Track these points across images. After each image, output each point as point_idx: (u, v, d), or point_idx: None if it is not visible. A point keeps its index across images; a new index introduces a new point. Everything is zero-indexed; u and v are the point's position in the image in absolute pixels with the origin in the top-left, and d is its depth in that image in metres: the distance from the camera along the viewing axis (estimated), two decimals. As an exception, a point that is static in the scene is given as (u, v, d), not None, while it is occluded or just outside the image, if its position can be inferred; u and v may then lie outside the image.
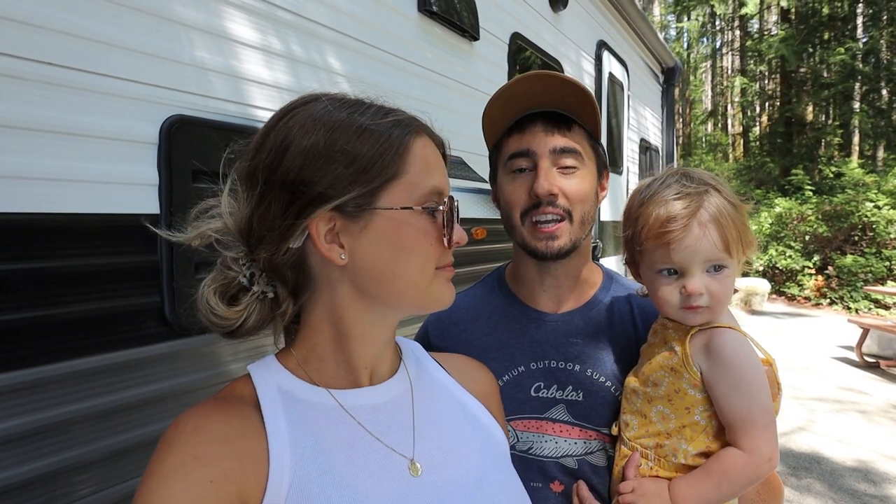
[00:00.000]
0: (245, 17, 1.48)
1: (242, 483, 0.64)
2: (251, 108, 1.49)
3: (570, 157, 1.09)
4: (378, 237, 0.75)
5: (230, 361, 1.46)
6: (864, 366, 6.87)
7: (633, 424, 1.04)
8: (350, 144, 0.72)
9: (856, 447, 4.58)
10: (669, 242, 0.95)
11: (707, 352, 0.96)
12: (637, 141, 6.07)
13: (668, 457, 0.99)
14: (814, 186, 13.39)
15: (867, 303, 10.39)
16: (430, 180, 0.78)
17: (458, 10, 2.46)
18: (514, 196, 1.13)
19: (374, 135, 0.74)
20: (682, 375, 0.98)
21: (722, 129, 28.22)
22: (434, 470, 0.77)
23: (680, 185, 0.99)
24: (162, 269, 1.28)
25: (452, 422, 0.87)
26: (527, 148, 1.10)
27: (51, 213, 1.09)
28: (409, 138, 0.76)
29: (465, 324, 1.25)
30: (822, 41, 17.82)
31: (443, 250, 0.80)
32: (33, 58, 1.05)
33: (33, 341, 1.07)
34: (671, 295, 0.99)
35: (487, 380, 1.03)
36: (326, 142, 0.72)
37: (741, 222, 0.97)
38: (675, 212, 0.95)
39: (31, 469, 1.08)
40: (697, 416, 0.97)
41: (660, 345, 1.04)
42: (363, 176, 0.73)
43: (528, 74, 1.07)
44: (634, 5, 5.25)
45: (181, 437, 0.65)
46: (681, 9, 20.00)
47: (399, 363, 0.89)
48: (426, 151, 0.79)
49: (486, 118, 1.15)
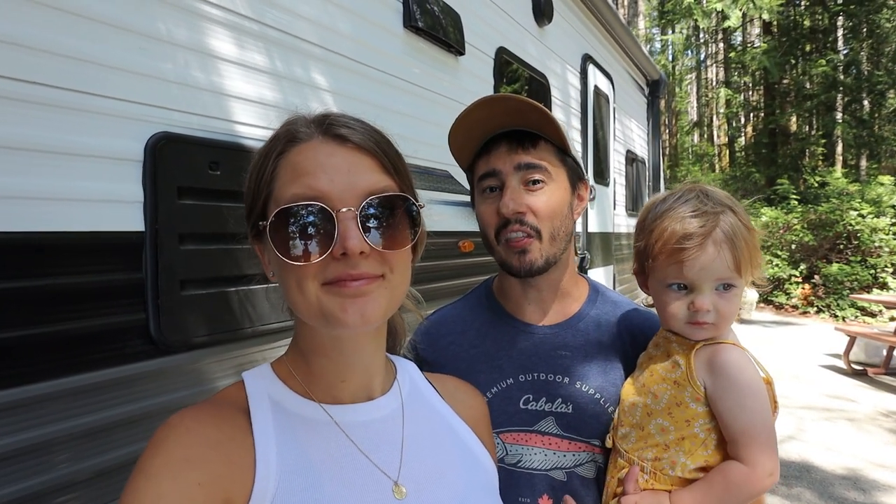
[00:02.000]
0: (230, 34, 1.49)
1: (229, 488, 0.64)
2: (236, 124, 1.50)
3: (536, 172, 1.10)
4: (270, 257, 0.77)
5: (216, 378, 1.46)
6: (851, 373, 6.91)
7: (630, 437, 1.04)
8: (249, 177, 0.79)
9: (845, 455, 4.59)
10: (683, 259, 0.97)
11: (711, 367, 0.98)
12: (623, 153, 6.13)
13: (664, 470, 0.99)
14: (799, 196, 13.54)
15: (854, 311, 10.48)
16: (292, 188, 0.72)
17: (443, 25, 2.49)
18: (487, 216, 1.14)
19: (260, 157, 0.78)
20: (685, 389, 0.99)
21: (708, 140, 28.54)
22: (419, 494, 0.76)
23: (698, 201, 1.00)
24: (147, 287, 1.28)
25: (441, 446, 0.86)
26: (493, 168, 1.12)
27: (35, 232, 1.09)
28: (280, 151, 0.76)
29: (453, 336, 1.25)
30: (804, 53, 18.13)
31: (320, 265, 0.71)
32: (16, 77, 1.06)
33: (17, 360, 1.07)
34: (679, 309, 1.01)
35: (478, 405, 1.02)
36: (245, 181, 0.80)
37: (753, 245, 0.99)
38: (692, 229, 0.97)
39: (16, 490, 1.06)
40: (697, 428, 0.98)
41: (662, 357, 1.05)
42: (253, 199, 0.78)
43: (486, 99, 1.08)
44: (619, 19, 5.32)
45: (171, 438, 0.65)
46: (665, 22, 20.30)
47: (392, 381, 0.88)
48: (299, 158, 0.74)
49: (452, 144, 1.17)
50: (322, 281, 0.71)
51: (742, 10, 14.03)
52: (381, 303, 0.73)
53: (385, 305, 0.74)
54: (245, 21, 1.53)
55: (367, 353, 0.82)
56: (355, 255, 0.69)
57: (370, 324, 0.73)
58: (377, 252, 0.72)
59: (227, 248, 1.43)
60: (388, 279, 0.74)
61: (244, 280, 1.47)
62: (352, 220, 0.70)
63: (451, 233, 2.60)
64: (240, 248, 1.45)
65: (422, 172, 2.34)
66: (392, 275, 0.75)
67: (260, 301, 1.53)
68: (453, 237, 2.62)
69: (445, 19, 2.51)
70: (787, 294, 11.64)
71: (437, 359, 1.22)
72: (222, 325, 1.44)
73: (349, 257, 0.69)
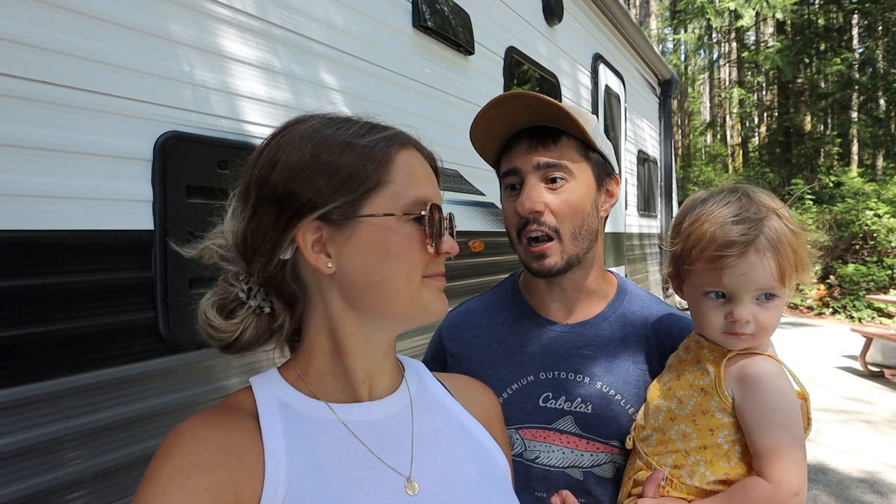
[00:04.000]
0: (239, 33, 1.50)
1: (238, 492, 0.65)
2: (245, 124, 1.50)
3: (556, 171, 1.08)
4: (363, 245, 0.75)
5: (225, 377, 1.46)
6: (868, 375, 6.82)
7: (651, 439, 1.01)
8: (334, 157, 0.74)
9: (862, 458, 4.53)
10: (723, 268, 0.91)
11: (742, 378, 0.93)
12: (635, 153, 6.09)
13: (682, 478, 0.95)
14: (814, 196, 13.40)
15: (870, 312, 10.35)
16: (414, 190, 0.78)
17: (452, 24, 2.49)
18: (508, 214, 1.14)
19: (357, 148, 0.76)
20: (713, 398, 0.94)
21: (721, 140, 28.31)
22: (431, 490, 0.76)
23: (739, 205, 0.94)
24: (156, 285, 1.28)
25: (453, 442, 0.86)
26: (514, 166, 1.11)
27: (44, 230, 1.09)
28: (392, 150, 0.78)
29: (478, 329, 1.24)
30: (819, 52, 17.93)
31: (430, 258, 0.78)
32: (27, 76, 1.07)
33: (27, 358, 1.07)
34: (716, 319, 0.95)
35: (491, 403, 1.01)
36: (311, 156, 0.75)
37: (800, 249, 0.92)
38: (734, 237, 0.90)
39: (25, 487, 1.07)
40: (721, 439, 0.94)
41: (692, 362, 1.01)
42: (346, 186, 0.74)
43: (502, 96, 1.07)
44: (630, 18, 5.30)
45: (180, 444, 0.66)
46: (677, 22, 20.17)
47: (400, 380, 0.88)
48: (412, 163, 0.80)
49: (473, 141, 1.16)
50: (424, 274, 0.79)
51: (755, 9, 13.91)
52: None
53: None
54: (254, 21, 1.54)
55: (392, 353, 0.86)
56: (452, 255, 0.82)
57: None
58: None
59: (236, 246, 1.43)
60: None
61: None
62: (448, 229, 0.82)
63: (462, 232, 2.59)
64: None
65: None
66: None
67: (269, 300, 1.53)
68: (464, 237, 2.61)
69: (455, 19, 2.51)
70: (803, 295, 11.49)
71: (461, 352, 1.22)
72: (231, 323, 1.44)
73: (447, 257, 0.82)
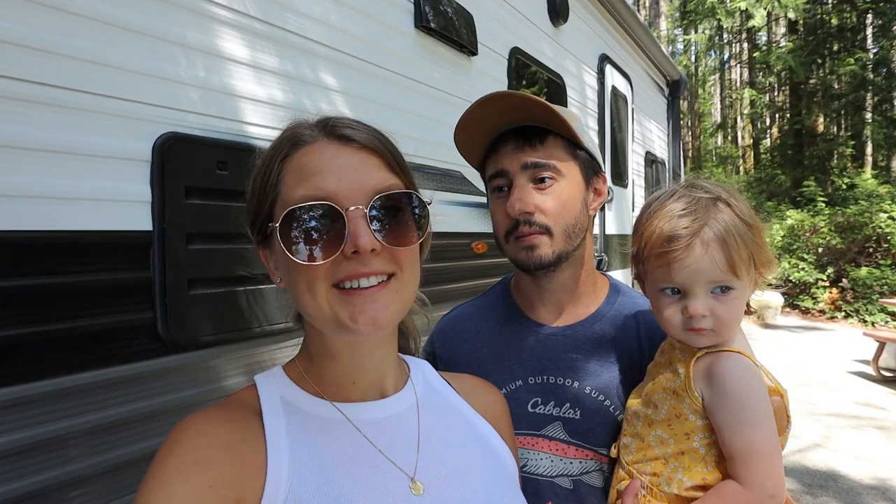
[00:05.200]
0: (239, 34, 1.50)
1: (240, 489, 0.65)
2: (245, 125, 1.50)
3: (544, 171, 1.07)
4: (278, 261, 0.77)
5: (223, 377, 1.46)
6: (881, 380, 6.72)
7: (631, 447, 1.00)
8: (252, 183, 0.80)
9: (874, 464, 4.46)
10: (671, 262, 0.91)
11: (709, 377, 0.92)
12: (642, 154, 6.05)
13: (661, 486, 0.94)
14: (826, 198, 13.25)
15: (883, 316, 10.19)
16: (299, 190, 0.72)
17: (455, 25, 2.48)
18: (497, 217, 1.13)
19: (263, 162, 0.79)
20: (684, 400, 0.93)
21: (732, 142, 28.10)
22: (437, 489, 0.75)
23: (689, 198, 0.94)
24: (155, 285, 1.29)
25: (460, 441, 0.85)
26: (501, 168, 1.10)
27: (43, 231, 1.10)
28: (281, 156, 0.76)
29: (468, 334, 1.23)
30: (832, 52, 17.72)
31: (330, 264, 0.70)
32: (25, 78, 1.07)
33: (26, 358, 1.08)
34: (674, 316, 0.94)
35: (498, 402, 1.00)
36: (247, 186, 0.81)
37: (754, 242, 0.91)
38: (678, 229, 0.90)
39: (23, 486, 1.07)
40: (697, 443, 0.92)
41: (665, 365, 1.00)
42: (258, 204, 0.78)
43: (487, 97, 1.05)
44: (637, 18, 5.26)
45: (183, 441, 0.66)
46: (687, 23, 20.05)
47: (405, 380, 0.88)
48: (304, 160, 0.74)
49: (458, 144, 1.15)
50: (333, 282, 0.71)
51: (767, 8, 13.77)
52: (392, 308, 0.73)
53: (396, 309, 0.75)
54: (254, 22, 1.54)
55: (379, 356, 0.82)
56: (366, 253, 0.69)
57: (382, 330, 0.73)
58: (387, 250, 0.72)
59: (235, 247, 1.43)
60: (398, 278, 0.74)
61: (252, 280, 1.47)
62: (361, 218, 0.69)
63: (465, 234, 2.58)
64: (247, 247, 1.45)
65: (435, 174, 2.33)
66: (402, 273, 0.75)
67: (267, 300, 1.53)
68: (466, 238, 2.60)
69: (458, 19, 2.50)
70: (814, 298, 11.38)
71: (452, 357, 1.21)
72: (230, 324, 1.44)
73: (360, 255, 0.69)
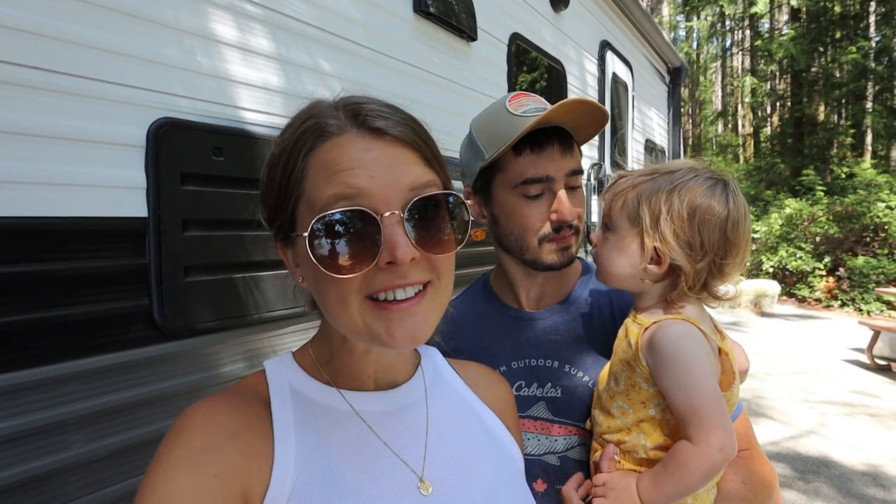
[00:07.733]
0: (234, 19, 1.48)
1: (246, 479, 0.63)
2: (241, 110, 1.49)
3: (580, 178, 1.12)
4: (303, 265, 0.70)
5: (219, 364, 1.46)
6: (875, 368, 6.77)
7: (599, 420, 1.05)
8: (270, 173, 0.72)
9: (866, 451, 4.50)
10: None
11: (650, 345, 0.96)
12: (642, 141, 6.04)
13: (630, 452, 0.99)
14: (825, 187, 13.24)
15: (879, 305, 10.24)
16: (328, 189, 0.65)
17: (455, 10, 2.45)
18: (532, 221, 1.11)
19: (284, 154, 0.70)
20: (636, 370, 0.98)
21: (732, 130, 27.98)
22: (444, 485, 0.74)
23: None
24: (150, 272, 1.28)
25: (468, 433, 0.84)
26: (546, 174, 1.08)
27: (38, 217, 1.09)
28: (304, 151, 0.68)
29: (453, 332, 1.24)
30: (834, 40, 17.60)
31: (363, 275, 0.65)
32: (18, 62, 1.06)
33: (21, 344, 1.08)
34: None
35: (503, 392, 0.98)
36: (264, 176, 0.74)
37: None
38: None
39: (20, 472, 1.08)
40: (652, 410, 0.97)
41: (622, 339, 1.05)
42: (278, 201, 0.71)
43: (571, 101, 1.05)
44: (638, 5, 5.21)
45: (189, 429, 0.65)
46: (690, 9, 19.87)
47: (415, 369, 0.86)
48: (332, 154, 0.67)
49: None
50: (366, 293, 0.66)
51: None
52: (430, 320, 0.69)
53: (434, 320, 0.71)
54: (249, 5, 1.52)
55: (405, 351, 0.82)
56: (404, 264, 0.64)
57: (421, 343, 0.69)
58: (425, 257, 0.67)
59: (231, 234, 1.43)
60: (435, 286, 0.70)
61: (248, 266, 1.47)
62: (398, 225, 0.64)
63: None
64: (243, 234, 1.45)
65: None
66: (439, 281, 0.70)
67: (264, 287, 1.53)
68: (464, 226, 2.59)
69: (457, 4, 2.48)
70: (811, 287, 11.41)
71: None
72: (226, 311, 1.44)
73: (397, 266, 0.64)
